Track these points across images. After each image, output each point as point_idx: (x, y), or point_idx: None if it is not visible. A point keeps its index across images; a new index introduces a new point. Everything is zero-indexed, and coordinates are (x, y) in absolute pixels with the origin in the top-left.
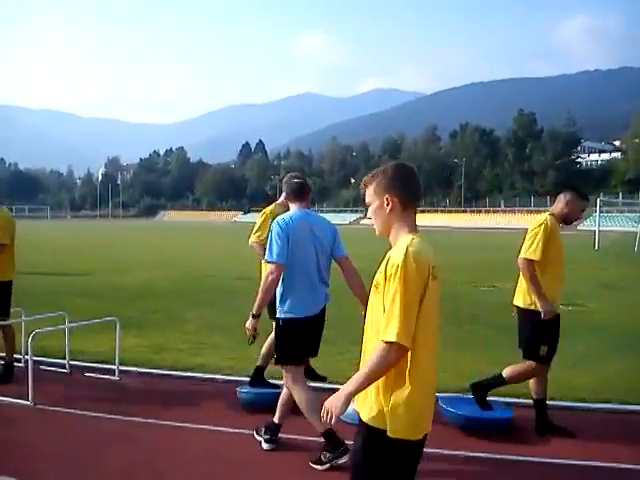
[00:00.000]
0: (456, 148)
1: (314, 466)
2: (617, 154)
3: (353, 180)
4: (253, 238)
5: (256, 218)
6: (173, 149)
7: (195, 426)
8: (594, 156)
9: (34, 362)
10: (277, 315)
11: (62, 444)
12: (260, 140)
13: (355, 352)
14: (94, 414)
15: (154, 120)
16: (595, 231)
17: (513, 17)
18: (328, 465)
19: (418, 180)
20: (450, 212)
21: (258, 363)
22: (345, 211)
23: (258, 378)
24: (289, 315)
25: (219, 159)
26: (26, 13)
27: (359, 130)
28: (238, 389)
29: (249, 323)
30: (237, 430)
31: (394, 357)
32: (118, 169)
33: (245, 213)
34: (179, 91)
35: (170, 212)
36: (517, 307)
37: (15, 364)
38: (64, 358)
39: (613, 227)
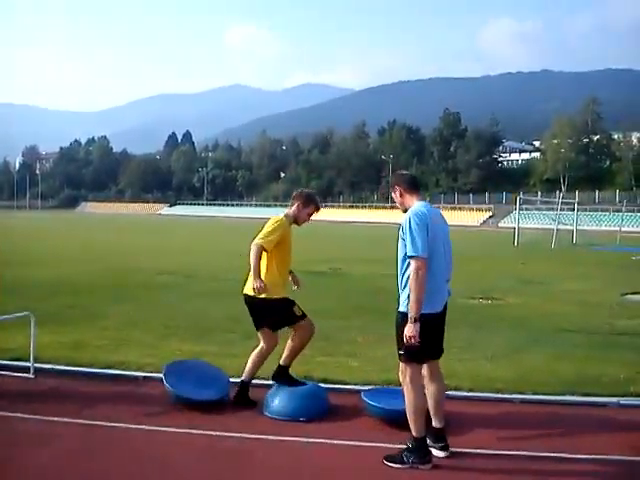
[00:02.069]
0: (384, 145)
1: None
2: (537, 154)
3: (283, 174)
4: (260, 241)
5: (180, 211)
6: (95, 138)
7: (116, 424)
8: (515, 156)
9: None
10: (400, 309)
11: None
12: (187, 131)
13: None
14: (7, 414)
15: (77, 108)
16: (515, 228)
17: (440, 18)
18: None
19: None
20: (377, 208)
21: (281, 362)
22: (274, 205)
23: (283, 377)
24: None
25: (145, 150)
26: None
27: (289, 124)
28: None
29: (412, 331)
30: (160, 428)
31: None
32: (37, 158)
33: (171, 206)
34: (104, 78)
35: (91, 203)
36: None
37: None
38: None
39: (532, 224)
